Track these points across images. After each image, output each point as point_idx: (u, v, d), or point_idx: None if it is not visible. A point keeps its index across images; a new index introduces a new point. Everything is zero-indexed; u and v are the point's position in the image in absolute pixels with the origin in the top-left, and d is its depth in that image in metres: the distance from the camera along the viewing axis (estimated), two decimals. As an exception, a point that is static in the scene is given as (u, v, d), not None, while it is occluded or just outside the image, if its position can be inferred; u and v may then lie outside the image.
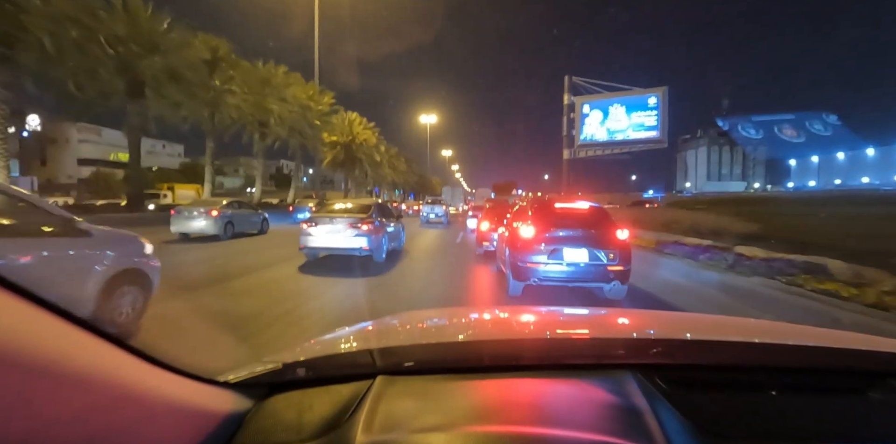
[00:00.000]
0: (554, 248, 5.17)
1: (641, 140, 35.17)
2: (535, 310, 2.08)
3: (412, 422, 0.73)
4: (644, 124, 34.85)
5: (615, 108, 35.90)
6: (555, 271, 5.16)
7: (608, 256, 5.14)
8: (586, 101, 36.82)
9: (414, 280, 7.17)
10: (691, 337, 1.16)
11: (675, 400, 0.78)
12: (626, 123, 35.47)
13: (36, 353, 0.47)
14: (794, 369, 0.93)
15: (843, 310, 4.24)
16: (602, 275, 5.13)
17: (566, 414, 0.76)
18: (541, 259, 5.17)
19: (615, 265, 5.13)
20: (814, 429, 0.75)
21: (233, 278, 6.69)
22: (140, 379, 0.61)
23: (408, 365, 0.92)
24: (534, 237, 5.27)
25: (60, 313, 0.54)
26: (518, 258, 5.29)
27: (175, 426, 0.65)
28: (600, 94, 36.45)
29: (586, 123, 36.77)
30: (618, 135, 35.87)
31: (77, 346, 0.54)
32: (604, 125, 36.27)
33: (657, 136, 34.45)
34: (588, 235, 5.31)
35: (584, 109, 36.83)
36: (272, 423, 0.78)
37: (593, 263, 5.13)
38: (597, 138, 36.58)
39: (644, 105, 34.77)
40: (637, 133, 35.14)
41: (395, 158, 54.27)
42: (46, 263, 2.84)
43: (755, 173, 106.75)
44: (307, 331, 4.01)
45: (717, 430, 0.71)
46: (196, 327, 3.91)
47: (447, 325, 1.47)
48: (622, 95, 35.80)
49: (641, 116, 34.92)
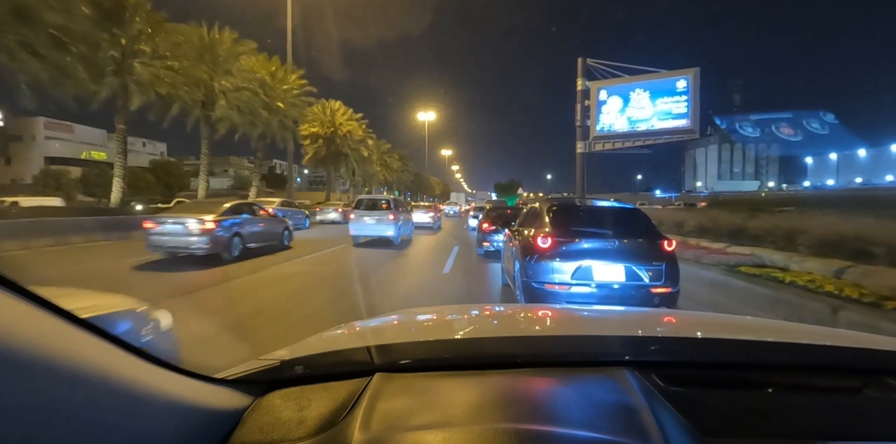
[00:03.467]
0: (580, 264, 4.02)
1: (668, 130, 30.32)
2: (534, 308, 2.06)
3: (410, 419, 0.73)
4: (671, 112, 30.01)
5: (637, 93, 31.09)
6: (582, 295, 3.98)
7: (651, 274, 4.00)
8: (603, 86, 31.98)
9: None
10: (689, 335, 1.17)
11: (672, 398, 0.78)
12: (651, 110, 30.64)
13: (33, 350, 0.47)
14: (791, 366, 0.93)
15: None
16: (645, 299, 3.96)
17: (564, 411, 0.76)
18: (562, 279, 4.02)
19: (660, 287, 3.98)
20: (810, 427, 0.75)
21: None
22: (138, 377, 0.61)
23: (406, 362, 0.92)
24: (552, 250, 4.10)
25: (58, 311, 0.55)
26: (532, 277, 4.11)
27: (173, 423, 0.66)
28: (620, 78, 31.62)
29: (603, 111, 31.92)
30: (640, 124, 31.05)
31: (75, 344, 0.54)
32: (624, 114, 31.44)
33: (687, 125, 29.57)
34: (624, 246, 4.10)
35: (600, 96, 31.98)
36: (270, 420, 0.78)
37: (633, 283, 3.99)
38: (616, 129, 31.74)
39: (671, 90, 29.97)
40: (663, 122, 30.33)
41: (387, 155, 49.48)
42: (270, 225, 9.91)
43: (768, 172, 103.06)
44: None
45: (713, 427, 0.71)
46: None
47: (445, 322, 1.48)
48: (646, 79, 30.99)
49: (668, 102, 30.10)
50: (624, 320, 1.52)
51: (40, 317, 0.52)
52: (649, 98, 31.71)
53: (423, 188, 78.42)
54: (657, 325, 1.37)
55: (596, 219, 4.58)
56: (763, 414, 0.77)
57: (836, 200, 35.26)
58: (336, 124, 33.02)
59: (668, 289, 4.02)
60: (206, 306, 5.07)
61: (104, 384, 0.54)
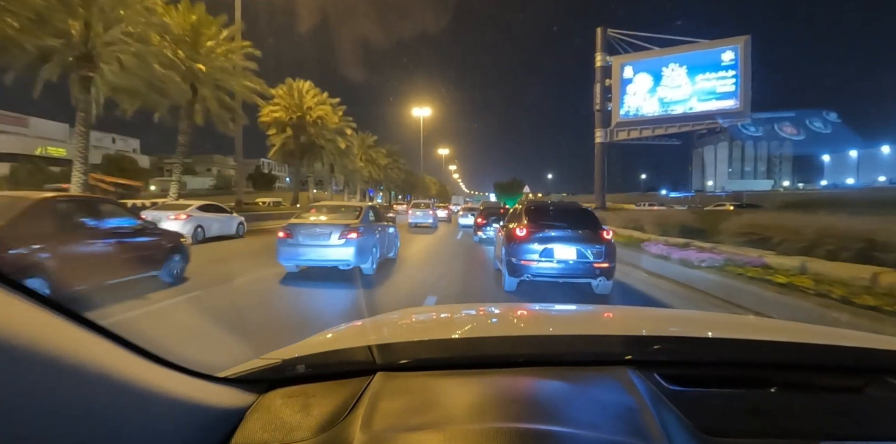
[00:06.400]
0: (545, 246, 5.56)
1: (711, 113, 24.75)
2: (535, 307, 2.05)
3: (411, 418, 0.72)
4: (715, 91, 24.49)
5: (671, 69, 25.52)
6: (546, 268, 5.55)
7: (594, 253, 5.51)
8: (628, 61, 26.43)
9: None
10: (691, 334, 1.16)
11: (674, 397, 0.78)
12: (689, 89, 25.11)
13: (37, 349, 0.48)
14: (793, 366, 0.93)
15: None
16: (589, 271, 5.52)
17: (566, 411, 0.75)
18: (533, 257, 5.55)
19: (601, 262, 5.49)
20: (812, 427, 0.75)
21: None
22: (141, 375, 0.62)
23: (407, 362, 0.92)
24: (527, 237, 5.63)
25: (60, 310, 0.55)
26: (512, 256, 5.65)
27: (176, 422, 0.66)
28: (649, 51, 26.04)
29: (629, 92, 26.37)
30: (675, 107, 25.48)
31: (78, 343, 0.55)
32: (655, 94, 25.90)
33: (734, 106, 24.07)
34: (576, 234, 5.67)
35: (625, 73, 26.44)
36: (272, 419, 0.77)
37: (581, 260, 5.53)
38: (645, 113, 26.16)
39: (715, 63, 24.41)
40: (705, 104, 24.78)
41: (373, 149, 43.79)
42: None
43: (781, 171, 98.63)
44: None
45: (715, 427, 0.71)
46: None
47: (446, 321, 1.46)
48: (682, 51, 25.46)
49: (711, 78, 24.55)
50: (625, 319, 1.51)
51: (43, 316, 0.52)
52: (686, 74, 25.75)
53: (416, 188, 72.77)
54: (659, 324, 1.36)
55: (558, 216, 6.15)
56: (765, 414, 0.77)
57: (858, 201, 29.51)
58: (304, 108, 27.31)
59: (606, 264, 5.52)
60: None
61: (107, 383, 0.55)
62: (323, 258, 6.24)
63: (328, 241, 6.13)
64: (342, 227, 6.19)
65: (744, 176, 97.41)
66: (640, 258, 7.81)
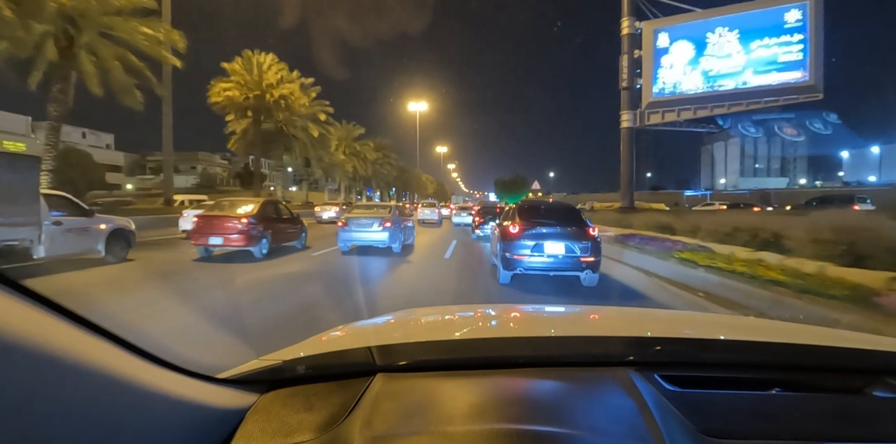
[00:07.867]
0: (536, 242, 6.06)
1: (773, 89, 19.75)
2: (536, 308, 2.08)
3: (412, 419, 0.73)
4: (776, 60, 19.51)
5: (719, 35, 20.54)
6: (537, 262, 6.06)
7: (581, 248, 6.03)
8: (663, 26, 21.45)
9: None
10: (691, 335, 1.16)
11: (675, 399, 0.78)
12: (742, 59, 20.11)
13: (38, 350, 0.48)
14: (793, 367, 0.93)
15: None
16: (576, 265, 6.02)
17: (567, 412, 0.76)
18: (525, 252, 6.06)
19: (587, 257, 6.01)
20: (813, 428, 0.75)
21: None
22: (141, 377, 0.62)
23: (407, 363, 0.92)
24: (519, 234, 6.15)
25: (60, 311, 0.55)
26: (506, 251, 6.16)
27: (176, 423, 0.67)
28: (688, 13, 21.08)
29: (664, 64, 21.40)
30: (724, 81, 20.50)
31: (78, 344, 0.55)
32: (697, 66, 20.92)
33: (803, 78, 19.08)
34: (565, 231, 6.18)
35: (659, 42, 21.46)
36: (272, 420, 0.78)
37: (569, 255, 6.04)
38: (684, 89, 21.17)
39: (776, 26, 19.43)
40: (763, 76, 19.78)
41: (358, 142, 38.77)
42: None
43: (796, 168, 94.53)
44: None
45: (716, 429, 0.71)
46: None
47: (446, 322, 1.46)
48: (732, 12, 20.46)
49: (771, 45, 19.56)
50: (626, 320, 1.50)
51: (44, 318, 0.53)
52: (738, 41, 20.07)
53: (411, 186, 67.75)
54: (660, 325, 1.36)
55: (548, 214, 6.72)
56: (766, 415, 0.78)
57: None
58: (264, 86, 22.25)
59: (592, 258, 6.03)
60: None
61: (107, 384, 0.55)
62: (367, 240, 9.50)
63: (370, 228, 9.40)
64: (380, 219, 9.47)
65: (756, 174, 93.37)
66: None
